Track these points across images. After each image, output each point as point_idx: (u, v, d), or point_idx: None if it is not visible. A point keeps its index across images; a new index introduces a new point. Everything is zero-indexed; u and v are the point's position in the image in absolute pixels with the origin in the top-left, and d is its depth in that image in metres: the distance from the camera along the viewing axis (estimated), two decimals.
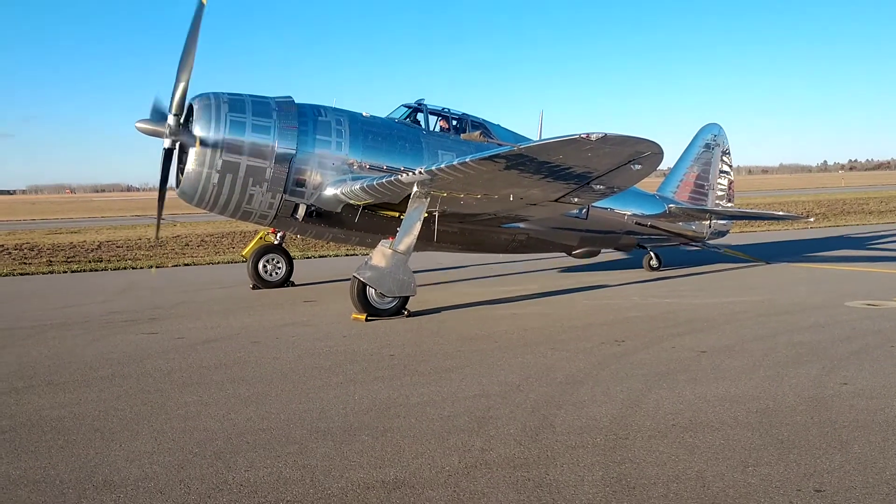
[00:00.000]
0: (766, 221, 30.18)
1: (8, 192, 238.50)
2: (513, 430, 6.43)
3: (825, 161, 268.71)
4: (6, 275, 19.68)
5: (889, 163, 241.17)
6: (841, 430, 6.24)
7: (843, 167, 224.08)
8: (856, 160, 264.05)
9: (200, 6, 12.48)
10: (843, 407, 6.89)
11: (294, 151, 13.15)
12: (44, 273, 20.11)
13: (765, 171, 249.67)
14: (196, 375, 8.59)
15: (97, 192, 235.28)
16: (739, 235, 27.89)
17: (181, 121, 12.59)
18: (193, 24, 12.45)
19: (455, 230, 14.74)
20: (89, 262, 22.29)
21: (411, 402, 7.38)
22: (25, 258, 23.10)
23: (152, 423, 6.79)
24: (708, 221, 19.03)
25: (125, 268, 21.04)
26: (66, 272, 20.28)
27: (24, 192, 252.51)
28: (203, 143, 12.67)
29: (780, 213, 26.41)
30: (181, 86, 12.33)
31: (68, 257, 23.34)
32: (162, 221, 14.61)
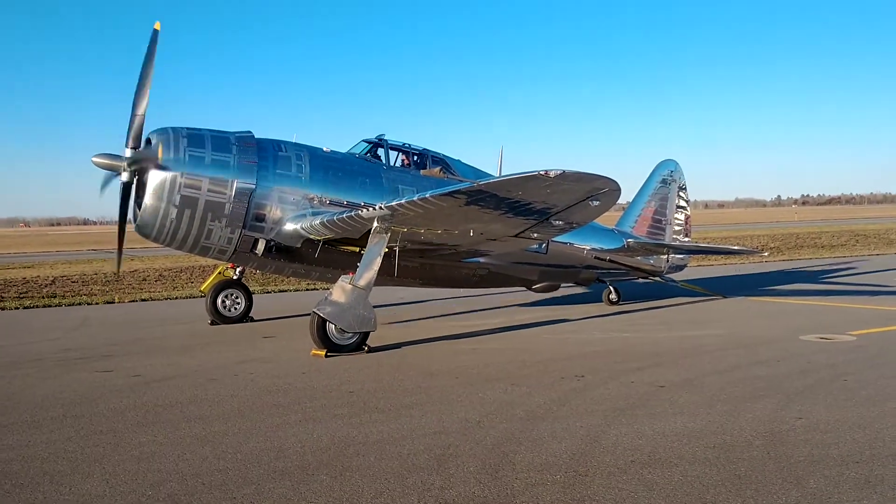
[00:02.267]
0: (722, 255, 30.67)
1: None
2: (472, 468, 6.39)
3: (779, 196, 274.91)
4: None
5: (840, 198, 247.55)
6: (796, 465, 6.31)
7: (796, 202, 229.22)
8: (808, 195, 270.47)
9: (154, 33, 12.50)
10: (799, 441, 6.97)
11: (254, 186, 13.07)
12: None
13: (721, 205, 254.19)
14: (151, 415, 8.41)
15: (52, 225, 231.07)
16: (697, 269, 28.29)
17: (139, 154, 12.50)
18: (148, 52, 12.45)
19: (416, 265, 14.75)
20: (43, 297, 21.83)
21: (371, 439, 7.30)
22: None
23: (104, 465, 6.62)
24: (666, 256, 19.29)
25: (80, 303, 20.63)
26: (17, 308, 19.83)
27: None
28: (163, 167, 12.55)
29: (736, 247, 26.87)
30: (137, 119, 12.28)
31: (21, 293, 22.82)
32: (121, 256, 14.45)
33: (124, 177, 12.55)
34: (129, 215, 13.20)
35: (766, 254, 29.53)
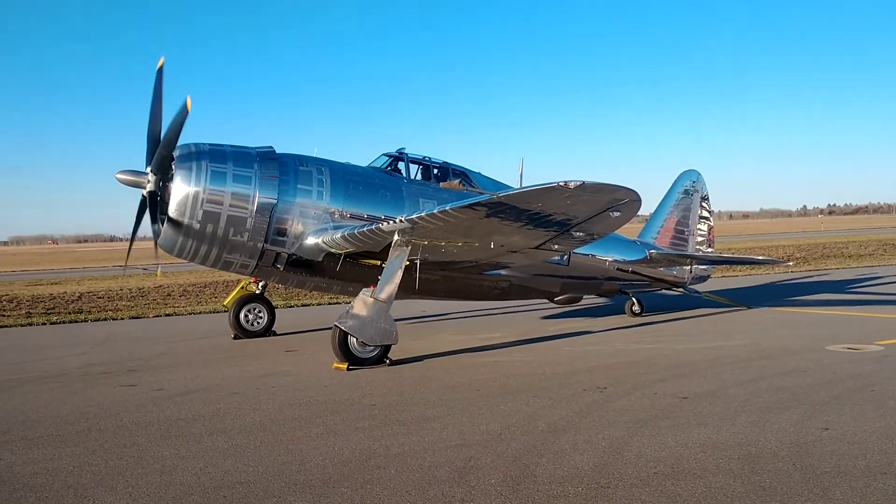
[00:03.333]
0: (746, 266, 30.41)
1: None
2: (494, 481, 6.36)
3: (805, 205, 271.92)
4: None
5: (867, 207, 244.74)
6: (823, 477, 6.21)
7: (822, 211, 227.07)
8: (834, 205, 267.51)
9: (159, 71, 12.80)
10: (825, 453, 6.87)
11: (275, 201, 13.17)
12: (22, 325, 19.89)
13: (745, 215, 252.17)
14: (174, 428, 8.46)
15: (80, 242, 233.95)
16: (721, 280, 28.05)
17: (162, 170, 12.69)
18: (156, 87, 12.76)
19: (437, 278, 14.75)
20: (69, 313, 22.09)
21: (392, 452, 7.29)
22: (4, 310, 22.82)
23: (127, 479, 6.66)
24: (689, 266, 19.16)
25: (105, 319, 20.85)
26: (45, 324, 20.07)
27: (5, 243, 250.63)
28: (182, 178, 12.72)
29: (761, 257, 26.58)
30: (159, 135, 12.49)
31: (48, 309, 23.12)
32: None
33: (149, 187, 12.69)
34: (152, 231, 13.33)
35: (791, 263, 29.23)
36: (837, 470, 6.37)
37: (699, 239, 20.16)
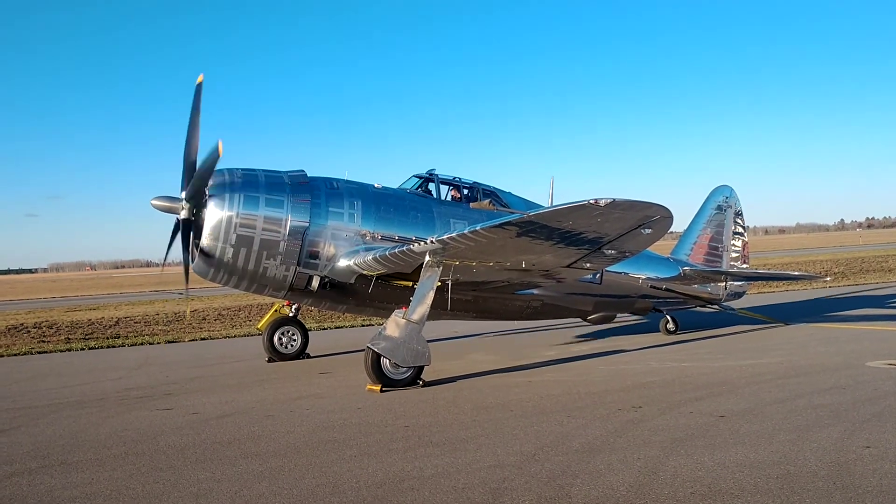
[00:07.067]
0: (783, 282, 29.99)
1: (30, 271, 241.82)
2: (528, 502, 6.31)
3: (842, 219, 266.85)
4: (24, 354, 19.79)
5: None
6: (864, 496, 6.08)
7: (860, 225, 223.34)
8: (873, 218, 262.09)
9: (198, 86, 12.89)
10: (867, 471, 6.72)
11: (307, 224, 13.29)
12: (61, 351, 20.20)
13: (781, 230, 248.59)
14: (209, 451, 8.53)
15: (117, 268, 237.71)
16: (757, 296, 27.69)
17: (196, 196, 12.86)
18: (194, 103, 12.87)
19: (469, 298, 14.75)
20: (107, 338, 22.41)
21: (425, 474, 7.28)
22: (44, 336, 23.25)
23: (163, 502, 6.72)
24: (723, 283, 18.94)
25: (142, 343, 21.11)
26: (83, 349, 20.37)
27: (45, 270, 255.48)
28: (216, 203, 12.84)
29: (797, 272, 26.22)
30: (192, 161, 12.66)
31: (86, 334, 23.48)
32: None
33: (183, 214, 12.88)
34: (183, 257, 13.48)
35: (828, 279, 28.77)
36: (880, 489, 6.23)
37: (733, 255, 19.95)
